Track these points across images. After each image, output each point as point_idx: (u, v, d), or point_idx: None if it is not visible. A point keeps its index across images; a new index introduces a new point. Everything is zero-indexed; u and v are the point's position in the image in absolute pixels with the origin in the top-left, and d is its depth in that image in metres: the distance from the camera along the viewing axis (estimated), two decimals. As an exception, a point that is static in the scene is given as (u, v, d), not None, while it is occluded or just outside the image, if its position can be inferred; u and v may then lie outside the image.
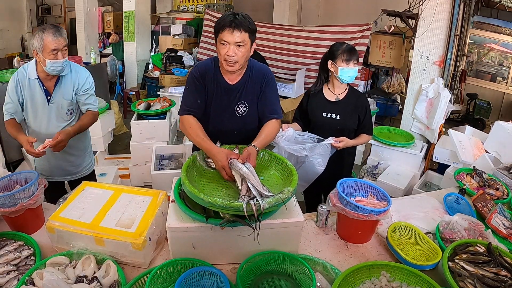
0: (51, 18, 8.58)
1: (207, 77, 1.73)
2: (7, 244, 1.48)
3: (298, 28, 5.34)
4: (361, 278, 1.36)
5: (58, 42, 1.88)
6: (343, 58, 2.08)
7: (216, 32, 1.61)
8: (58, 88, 2.02)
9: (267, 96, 1.78)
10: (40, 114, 2.06)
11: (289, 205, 1.48)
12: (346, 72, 2.10)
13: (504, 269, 1.35)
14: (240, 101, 1.76)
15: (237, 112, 1.77)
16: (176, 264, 1.36)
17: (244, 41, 1.58)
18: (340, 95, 2.21)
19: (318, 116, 2.22)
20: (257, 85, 1.76)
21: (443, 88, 3.67)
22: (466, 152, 2.88)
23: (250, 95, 1.76)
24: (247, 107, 1.78)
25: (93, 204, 1.56)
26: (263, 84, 1.76)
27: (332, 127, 2.18)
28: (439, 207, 1.98)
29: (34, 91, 2.00)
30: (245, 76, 1.74)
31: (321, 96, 2.23)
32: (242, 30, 1.56)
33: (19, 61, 4.26)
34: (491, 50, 6.09)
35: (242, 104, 1.76)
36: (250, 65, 1.75)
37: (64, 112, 2.08)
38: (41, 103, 2.02)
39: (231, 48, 1.58)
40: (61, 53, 1.91)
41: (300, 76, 5.00)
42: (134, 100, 5.94)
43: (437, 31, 3.64)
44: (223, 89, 1.74)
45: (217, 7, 7.02)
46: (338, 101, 2.20)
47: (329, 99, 2.22)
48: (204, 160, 1.59)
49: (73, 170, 2.26)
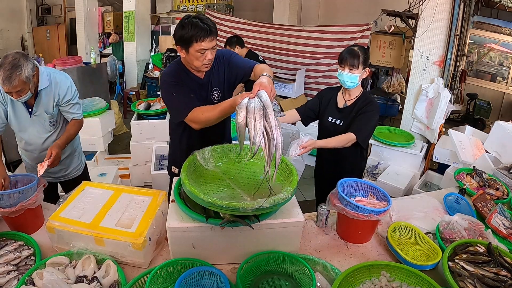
0: (51, 18, 8.57)
1: (184, 79, 1.79)
2: (7, 244, 1.49)
3: (298, 28, 5.33)
4: (361, 278, 1.36)
5: (8, 88, 1.72)
6: (339, 60, 2.04)
7: (188, 42, 1.63)
8: (38, 101, 1.97)
9: (236, 65, 1.86)
10: (26, 127, 2.04)
11: (289, 205, 1.48)
12: (340, 75, 2.05)
13: (504, 269, 1.35)
14: (214, 88, 1.88)
15: (213, 100, 1.88)
16: (176, 264, 1.36)
17: (216, 43, 1.70)
18: (349, 101, 2.13)
19: (325, 120, 2.18)
20: (221, 69, 1.87)
21: (443, 88, 3.66)
22: (466, 152, 2.88)
23: (217, 81, 1.88)
24: (219, 92, 1.89)
25: (93, 204, 1.56)
26: (226, 63, 1.86)
27: (335, 133, 2.12)
28: (439, 207, 1.98)
29: (16, 105, 1.95)
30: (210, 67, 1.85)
31: (333, 100, 2.18)
32: (214, 36, 1.65)
33: (19, 61, 4.26)
34: (491, 50, 6.09)
35: (215, 91, 1.88)
36: None
37: (47, 124, 2.06)
38: (24, 117, 1.99)
39: (209, 53, 1.67)
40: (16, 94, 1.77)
41: (300, 76, 5.00)
42: (134, 100, 5.94)
43: (437, 31, 3.64)
44: (198, 85, 1.84)
45: (217, 7, 7.02)
46: (345, 108, 2.14)
47: (339, 104, 2.16)
48: (204, 160, 1.59)
49: (63, 172, 2.27)
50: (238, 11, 7.77)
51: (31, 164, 2.22)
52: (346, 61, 2.00)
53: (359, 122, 2.05)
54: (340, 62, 2.03)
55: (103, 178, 3.29)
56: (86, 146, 2.58)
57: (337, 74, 2.07)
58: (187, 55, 1.69)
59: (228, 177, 1.56)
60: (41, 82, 1.91)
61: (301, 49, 5.24)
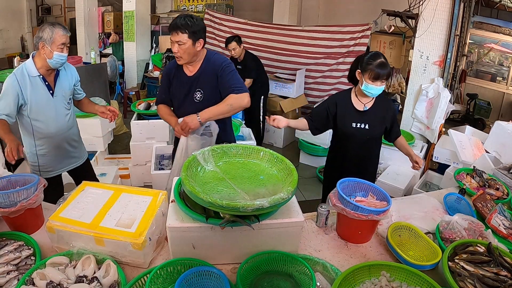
0: (51, 18, 8.57)
1: (172, 73, 2.11)
2: (7, 244, 1.48)
3: (298, 28, 5.33)
4: (361, 278, 1.36)
5: (67, 37, 2.06)
6: (371, 76, 1.97)
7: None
8: (58, 82, 2.17)
9: (223, 80, 2.01)
10: (46, 110, 2.15)
11: (289, 205, 1.48)
12: (370, 89, 2.01)
13: (504, 269, 1.35)
14: (197, 89, 2.04)
15: (195, 99, 2.05)
16: (176, 264, 1.36)
17: (182, 41, 1.91)
18: (368, 103, 2.12)
19: (348, 126, 2.14)
20: (213, 74, 2.02)
21: (443, 88, 3.67)
22: (466, 152, 2.88)
23: (205, 83, 2.03)
24: (203, 94, 2.04)
25: (93, 204, 1.56)
26: (219, 72, 2.01)
27: (361, 137, 2.13)
28: (439, 207, 1.98)
29: (37, 89, 2.09)
30: (200, 67, 2.05)
31: (350, 105, 2.14)
32: (179, 31, 1.89)
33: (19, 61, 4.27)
34: (491, 50, 6.09)
35: (198, 92, 2.05)
36: (207, 57, 2.06)
37: (66, 103, 2.25)
38: (46, 99, 2.13)
39: (175, 46, 1.94)
40: (66, 48, 2.08)
41: (300, 76, 5.00)
42: (134, 100, 5.93)
43: (437, 31, 3.64)
44: (184, 80, 2.07)
45: (217, 7, 7.02)
46: (366, 110, 2.12)
47: (358, 108, 2.13)
48: (204, 160, 1.59)
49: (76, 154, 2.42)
50: (238, 11, 7.77)
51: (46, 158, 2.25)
52: (381, 76, 1.96)
53: (396, 126, 2.23)
54: (374, 78, 1.96)
55: (103, 178, 3.29)
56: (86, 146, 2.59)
57: (364, 87, 2.02)
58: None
59: (228, 177, 1.56)
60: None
61: (301, 49, 5.24)
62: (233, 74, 2.02)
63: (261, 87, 4.53)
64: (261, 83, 4.53)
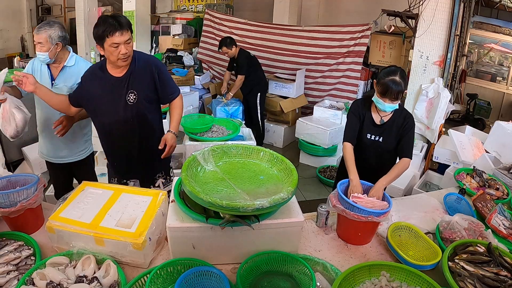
0: (51, 18, 8.56)
1: (96, 74, 1.95)
2: (7, 244, 1.49)
3: (298, 28, 5.33)
4: (361, 278, 1.36)
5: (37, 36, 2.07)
6: (379, 90, 1.93)
7: (101, 39, 1.77)
8: (61, 75, 2.22)
9: (164, 84, 1.99)
10: None
11: (289, 205, 1.48)
12: (379, 103, 1.96)
13: (504, 269, 1.35)
14: (130, 91, 1.92)
15: (128, 101, 1.93)
16: (176, 264, 1.37)
17: (130, 38, 1.81)
18: (385, 117, 2.07)
19: (364, 137, 2.11)
20: (147, 74, 1.94)
21: (443, 88, 3.66)
22: (466, 152, 2.88)
23: (138, 84, 1.93)
24: (136, 95, 1.93)
25: (93, 204, 1.56)
26: (156, 72, 1.95)
27: (375, 149, 2.10)
28: (439, 207, 1.98)
29: (43, 74, 2.21)
30: (130, 67, 1.92)
31: (369, 117, 2.10)
32: (125, 30, 1.78)
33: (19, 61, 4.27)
34: (491, 50, 6.08)
35: (131, 93, 1.93)
36: (134, 57, 1.93)
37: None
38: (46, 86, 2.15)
39: (123, 47, 1.79)
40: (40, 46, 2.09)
41: (300, 76, 4.99)
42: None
43: (437, 31, 3.64)
44: (112, 82, 1.92)
45: (217, 7, 7.01)
46: (383, 124, 2.07)
47: (375, 120, 2.09)
48: (204, 160, 1.59)
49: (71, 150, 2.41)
50: (238, 11, 7.76)
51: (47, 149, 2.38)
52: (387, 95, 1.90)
53: (407, 145, 2.03)
54: (382, 93, 1.91)
55: (103, 178, 3.28)
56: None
57: (375, 99, 1.98)
58: (105, 52, 1.82)
59: (228, 177, 1.56)
60: (69, 60, 2.22)
61: (301, 49, 5.24)
62: (169, 76, 2.06)
63: (257, 83, 4.54)
64: (257, 79, 4.54)
